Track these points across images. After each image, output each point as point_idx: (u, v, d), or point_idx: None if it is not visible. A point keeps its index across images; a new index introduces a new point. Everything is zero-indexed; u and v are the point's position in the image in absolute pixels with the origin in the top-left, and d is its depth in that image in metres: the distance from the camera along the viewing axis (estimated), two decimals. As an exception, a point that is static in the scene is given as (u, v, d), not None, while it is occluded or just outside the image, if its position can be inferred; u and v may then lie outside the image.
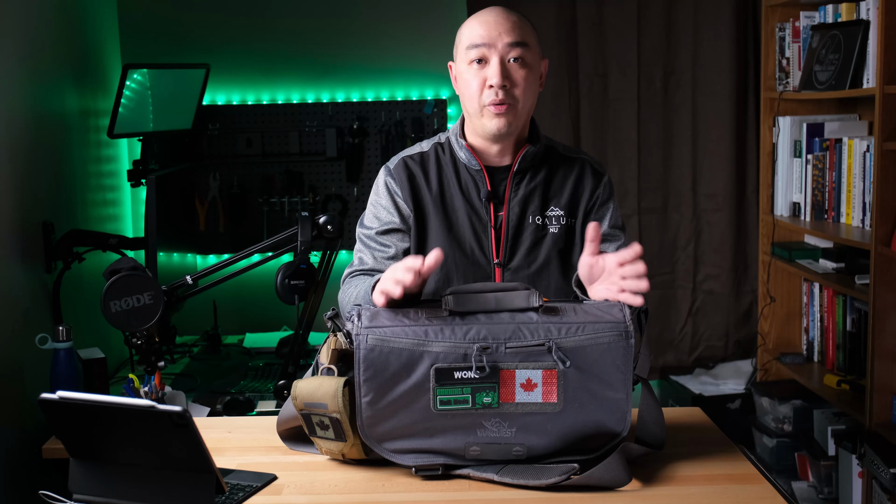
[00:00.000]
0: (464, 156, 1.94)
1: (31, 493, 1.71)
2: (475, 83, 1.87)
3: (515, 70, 1.86)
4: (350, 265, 1.99)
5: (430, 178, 1.95)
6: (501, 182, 1.94)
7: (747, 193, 3.76)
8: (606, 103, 3.72)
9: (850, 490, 3.01)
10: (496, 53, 1.85)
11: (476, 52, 1.86)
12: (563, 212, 1.94)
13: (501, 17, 1.87)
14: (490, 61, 1.85)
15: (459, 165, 1.95)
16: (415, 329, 1.57)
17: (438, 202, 1.94)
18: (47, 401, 1.48)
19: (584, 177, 1.97)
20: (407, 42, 3.66)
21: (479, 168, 1.92)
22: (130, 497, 1.51)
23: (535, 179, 1.94)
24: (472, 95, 1.87)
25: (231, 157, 3.64)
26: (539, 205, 1.93)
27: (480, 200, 1.92)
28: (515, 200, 1.93)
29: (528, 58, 1.87)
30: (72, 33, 3.08)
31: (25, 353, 2.50)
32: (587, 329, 1.58)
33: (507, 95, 1.85)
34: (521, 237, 1.92)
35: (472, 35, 1.87)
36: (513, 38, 1.85)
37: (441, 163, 1.96)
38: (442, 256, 1.61)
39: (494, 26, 1.86)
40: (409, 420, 1.57)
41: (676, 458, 1.68)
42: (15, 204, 2.52)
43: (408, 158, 1.98)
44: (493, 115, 1.86)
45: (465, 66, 1.89)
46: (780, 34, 3.49)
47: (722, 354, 3.84)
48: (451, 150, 1.97)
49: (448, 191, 1.94)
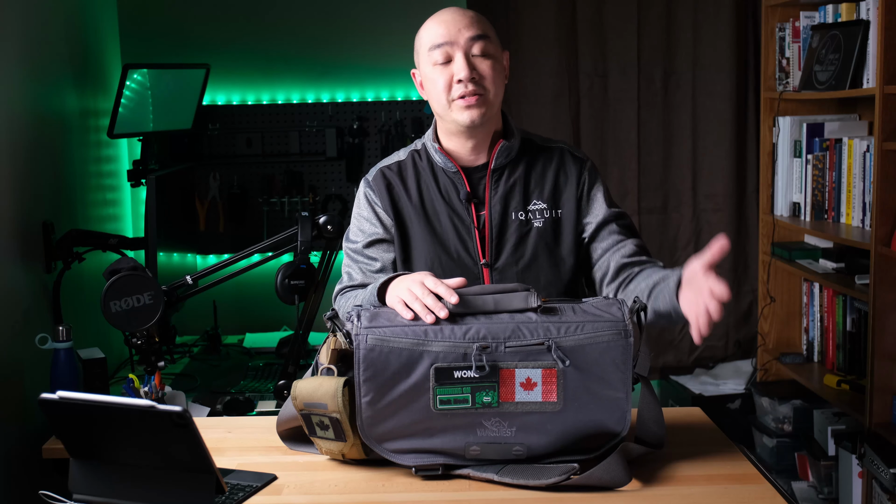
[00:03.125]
0: (439, 159, 1.93)
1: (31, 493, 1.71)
2: (441, 82, 1.86)
3: (481, 62, 1.85)
4: (339, 281, 1.99)
5: (409, 186, 1.95)
6: (480, 181, 1.93)
7: (747, 193, 3.76)
8: (606, 103, 3.72)
9: (850, 490, 3.01)
10: (459, 49, 1.85)
11: (439, 51, 1.86)
12: (545, 205, 1.93)
13: (458, 15, 1.87)
14: (454, 57, 1.85)
15: (437, 170, 1.95)
16: (414, 329, 1.57)
17: (420, 209, 1.93)
18: (47, 401, 1.48)
19: (564, 165, 1.96)
20: (407, 42, 3.61)
21: (455, 170, 1.92)
22: (130, 497, 1.51)
23: (514, 175, 1.93)
24: (440, 94, 1.87)
25: (231, 157, 3.64)
26: (521, 200, 1.92)
27: (461, 202, 1.92)
28: (496, 198, 1.92)
29: (490, 50, 1.86)
30: (72, 33, 3.08)
31: (25, 353, 2.50)
32: (586, 328, 1.58)
33: (477, 86, 1.84)
34: (505, 235, 1.91)
35: (433, 36, 1.87)
36: (473, 31, 1.85)
37: (419, 169, 1.96)
38: (465, 282, 1.64)
39: (453, 24, 1.86)
40: (409, 420, 1.57)
41: (676, 458, 1.68)
42: (15, 204, 2.52)
43: (385, 169, 1.98)
44: (463, 107, 1.85)
45: (429, 69, 1.89)
46: (780, 34, 3.49)
47: (722, 354, 3.84)
48: (427, 155, 1.96)
49: (428, 196, 1.94)
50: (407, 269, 1.92)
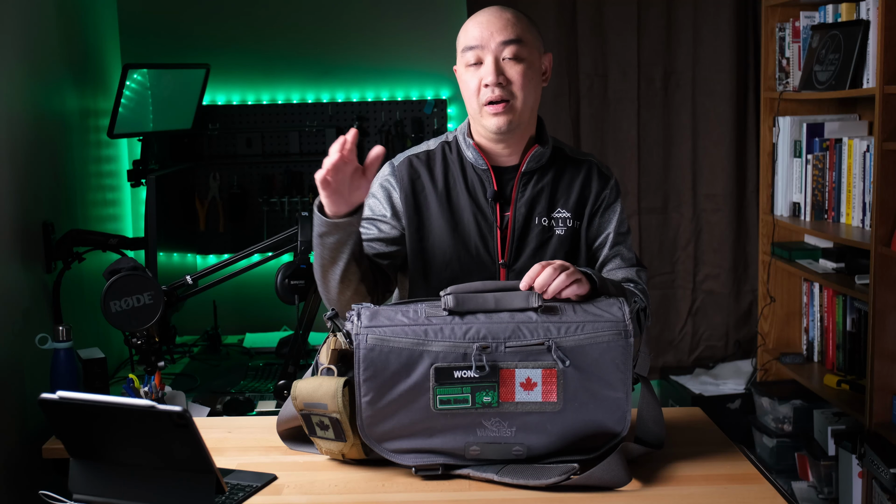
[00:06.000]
0: (471, 155, 1.93)
1: (31, 493, 1.71)
2: (472, 84, 1.87)
3: (510, 67, 1.85)
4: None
5: (436, 176, 1.94)
6: (508, 182, 1.93)
7: (747, 193, 3.75)
8: (606, 103, 3.72)
9: (850, 490, 3.01)
10: (490, 53, 1.85)
11: (471, 53, 1.86)
12: (569, 214, 1.94)
13: (494, 17, 1.87)
14: (485, 61, 1.85)
15: (466, 164, 1.95)
16: (414, 328, 1.57)
17: (444, 200, 1.93)
18: (47, 401, 1.48)
19: (591, 179, 1.97)
20: (407, 42, 3.66)
21: (485, 168, 1.92)
22: (130, 497, 1.51)
23: (542, 180, 1.94)
24: (471, 96, 1.88)
25: (231, 157, 3.64)
26: (546, 206, 1.93)
27: (486, 200, 1.92)
28: (522, 201, 1.92)
29: (523, 54, 1.86)
30: (72, 33, 3.08)
31: (25, 353, 2.50)
32: (586, 328, 1.58)
33: (504, 92, 1.84)
34: (527, 238, 1.92)
35: (467, 38, 1.88)
36: (505, 36, 1.85)
37: (448, 161, 1.96)
38: (382, 152, 1.66)
39: (486, 26, 1.86)
40: (409, 420, 1.57)
41: (676, 458, 1.68)
42: (15, 204, 2.52)
43: (413, 157, 1.97)
44: (491, 114, 1.85)
45: (463, 69, 1.89)
46: (780, 34, 3.49)
47: (722, 354, 3.84)
48: (458, 148, 1.96)
49: (454, 189, 1.94)
50: (422, 261, 1.92)
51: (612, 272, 1.94)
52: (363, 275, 1.80)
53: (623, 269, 1.94)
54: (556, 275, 1.62)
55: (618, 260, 1.95)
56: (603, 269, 1.95)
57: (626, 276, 1.93)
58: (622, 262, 1.95)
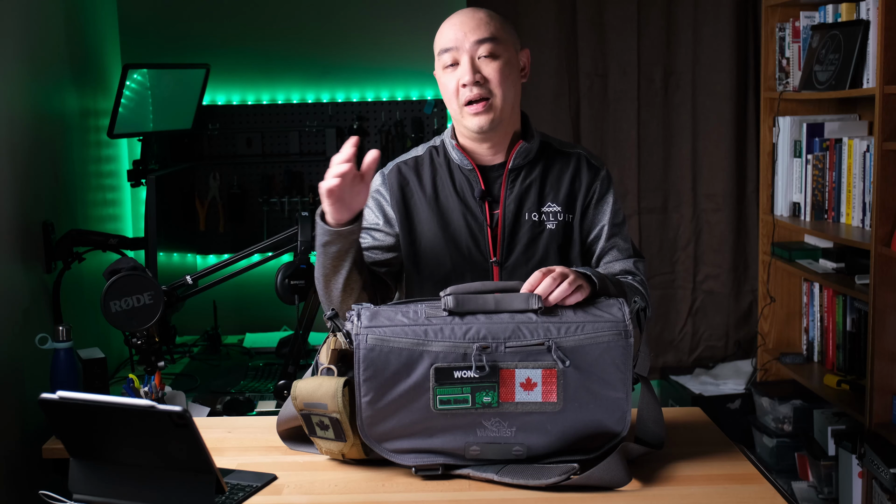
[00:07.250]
0: (456, 156, 1.94)
1: (31, 493, 1.71)
2: (451, 86, 1.88)
3: (486, 65, 1.86)
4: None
5: (424, 181, 1.96)
6: (496, 180, 1.94)
7: (747, 193, 3.76)
8: (606, 103, 3.72)
9: (850, 490, 3.01)
10: (465, 53, 1.85)
11: (447, 55, 1.87)
12: (560, 207, 1.94)
13: (466, 17, 1.88)
14: (461, 61, 1.86)
15: (453, 166, 1.96)
16: (414, 329, 1.57)
17: (433, 203, 1.94)
18: (47, 401, 1.48)
19: (580, 171, 1.97)
20: (407, 42, 3.66)
21: (471, 168, 1.93)
22: (130, 497, 1.51)
23: (530, 176, 1.94)
24: (451, 98, 1.89)
25: (231, 157, 3.64)
26: (535, 201, 1.93)
27: (475, 200, 1.93)
28: (511, 198, 1.92)
29: (498, 51, 1.86)
30: (72, 33, 3.08)
31: (25, 353, 2.50)
32: (586, 328, 1.58)
33: (483, 90, 1.85)
34: (517, 235, 1.92)
35: (443, 40, 1.89)
36: (478, 35, 1.85)
37: (435, 165, 1.97)
38: (378, 156, 1.70)
39: (460, 27, 1.87)
40: (409, 420, 1.57)
41: (676, 458, 1.68)
42: (15, 204, 2.52)
43: (402, 164, 2.00)
44: (472, 114, 1.86)
45: (441, 72, 1.91)
46: (780, 34, 3.49)
47: (722, 354, 3.84)
48: (445, 151, 1.98)
49: (442, 192, 1.95)
50: (415, 264, 1.93)
51: (609, 264, 1.94)
52: (364, 283, 1.83)
53: (620, 260, 1.95)
54: (558, 283, 1.62)
55: (615, 252, 1.95)
56: (600, 262, 1.95)
57: (624, 268, 1.93)
58: (619, 254, 1.95)
